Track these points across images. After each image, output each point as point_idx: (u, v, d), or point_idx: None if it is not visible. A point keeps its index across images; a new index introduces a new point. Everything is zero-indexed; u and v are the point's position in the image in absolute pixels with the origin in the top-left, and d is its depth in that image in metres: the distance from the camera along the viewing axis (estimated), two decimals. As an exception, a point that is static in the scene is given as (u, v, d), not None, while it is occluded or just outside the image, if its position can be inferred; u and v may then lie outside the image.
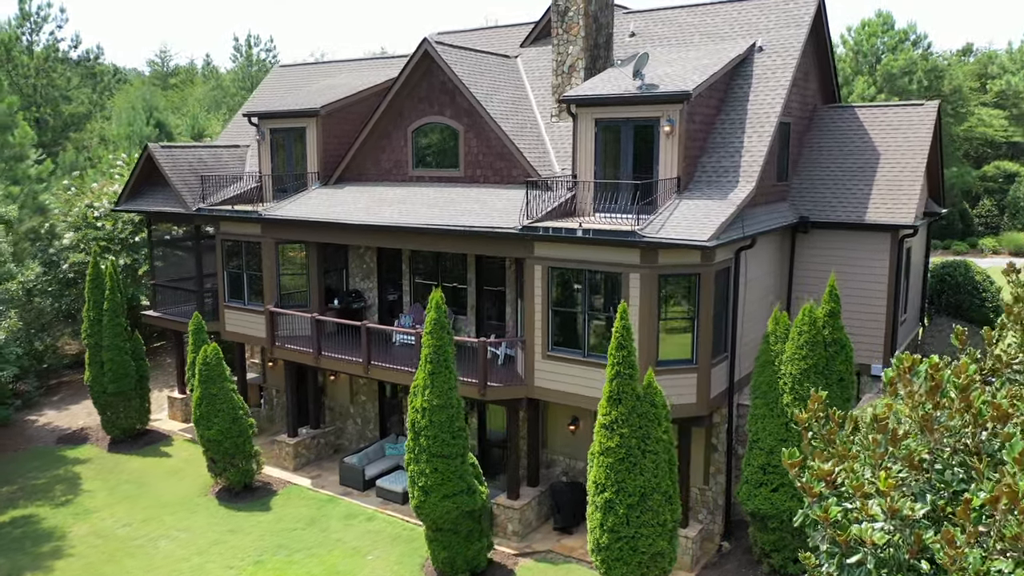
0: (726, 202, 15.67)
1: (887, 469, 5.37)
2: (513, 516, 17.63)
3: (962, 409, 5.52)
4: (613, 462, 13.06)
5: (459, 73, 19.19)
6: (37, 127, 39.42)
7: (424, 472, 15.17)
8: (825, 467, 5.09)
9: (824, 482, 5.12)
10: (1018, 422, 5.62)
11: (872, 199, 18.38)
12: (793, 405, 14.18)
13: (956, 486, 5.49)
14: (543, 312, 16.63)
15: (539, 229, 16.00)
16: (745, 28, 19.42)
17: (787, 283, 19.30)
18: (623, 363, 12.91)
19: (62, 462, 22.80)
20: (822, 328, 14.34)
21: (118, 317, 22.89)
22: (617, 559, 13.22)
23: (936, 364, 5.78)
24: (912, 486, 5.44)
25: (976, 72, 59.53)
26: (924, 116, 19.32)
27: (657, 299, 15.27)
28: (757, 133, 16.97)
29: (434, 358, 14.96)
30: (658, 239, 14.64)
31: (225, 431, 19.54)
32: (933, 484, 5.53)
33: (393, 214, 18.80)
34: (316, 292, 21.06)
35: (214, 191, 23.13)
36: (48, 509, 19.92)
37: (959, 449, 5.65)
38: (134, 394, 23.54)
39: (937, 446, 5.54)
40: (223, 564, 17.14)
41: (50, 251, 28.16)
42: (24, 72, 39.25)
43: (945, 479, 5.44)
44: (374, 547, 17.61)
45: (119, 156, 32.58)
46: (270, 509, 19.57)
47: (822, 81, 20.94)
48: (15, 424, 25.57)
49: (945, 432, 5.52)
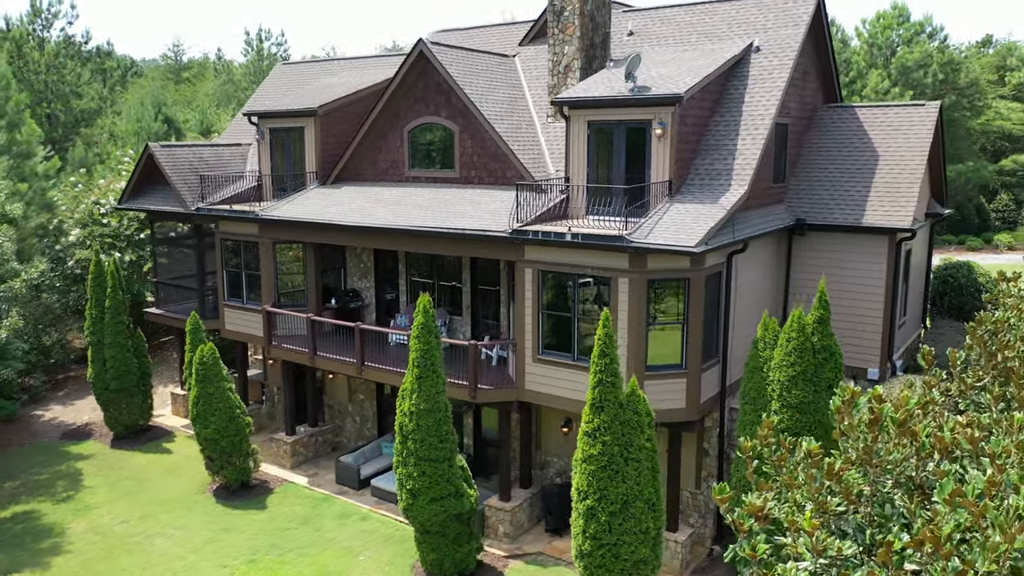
0: (716, 206, 15.53)
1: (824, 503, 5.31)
2: (504, 518, 17.66)
3: (903, 443, 5.44)
4: (595, 469, 13.03)
5: (454, 73, 19.13)
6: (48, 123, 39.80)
7: (412, 475, 15.22)
8: (756, 502, 5.03)
9: (755, 517, 5.06)
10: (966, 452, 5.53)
11: (870, 201, 18.16)
12: (781, 412, 14.07)
13: (895, 521, 5.42)
14: (533, 315, 16.59)
15: (528, 233, 15.95)
16: (743, 27, 19.19)
17: (784, 286, 19.13)
18: (605, 371, 12.85)
19: (65, 458, 23.11)
20: (811, 335, 14.18)
21: (120, 315, 23.11)
22: (599, 566, 13.21)
23: (879, 395, 5.70)
24: (849, 521, 5.38)
25: (995, 64, 58.60)
26: (925, 117, 19.03)
27: (646, 303, 15.19)
28: (751, 136, 16.79)
29: (421, 362, 14.98)
30: (645, 244, 14.54)
31: (222, 430, 19.70)
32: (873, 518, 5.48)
33: (387, 215, 18.81)
34: (313, 292, 21.14)
35: (215, 190, 23.25)
36: (49, 505, 20.21)
37: (901, 482, 5.58)
38: (136, 391, 23.78)
39: (877, 479, 5.47)
40: (216, 563, 17.31)
41: (56, 247, 28.47)
42: (35, 68, 39.62)
43: (884, 513, 5.38)
44: (366, 547, 17.71)
45: (127, 152, 32.82)
46: (266, 507, 19.73)
47: (823, 80, 20.67)
48: (21, 419, 25.93)
49: (886, 465, 5.45)
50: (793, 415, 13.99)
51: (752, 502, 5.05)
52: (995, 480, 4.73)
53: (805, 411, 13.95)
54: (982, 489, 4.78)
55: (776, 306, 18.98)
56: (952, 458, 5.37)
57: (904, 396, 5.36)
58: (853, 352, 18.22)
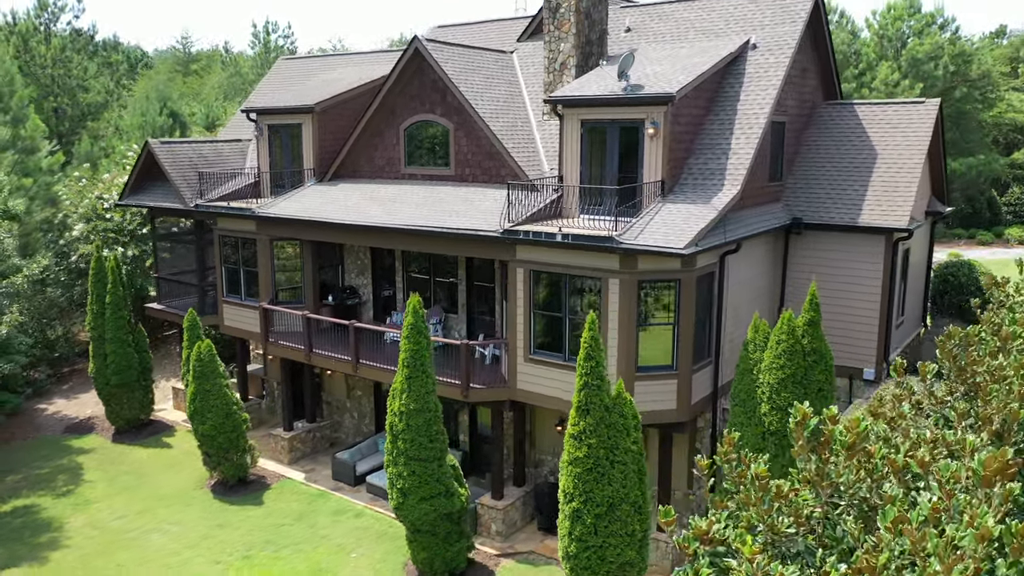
0: (708, 207, 15.43)
1: (774, 525, 5.27)
2: (497, 516, 17.71)
3: (853, 465, 5.39)
4: (581, 472, 13.03)
5: (449, 71, 19.06)
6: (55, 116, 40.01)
7: (402, 475, 15.27)
8: (701, 525, 4.99)
9: (700, 540, 5.03)
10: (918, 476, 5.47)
11: (867, 200, 18.00)
12: (770, 415, 14.02)
13: (846, 543, 5.38)
14: (525, 315, 16.57)
15: (519, 233, 15.91)
16: (741, 24, 19.01)
17: (780, 285, 19.01)
18: (591, 374, 12.83)
19: (67, 451, 23.35)
20: (801, 337, 14.11)
21: (120, 310, 23.27)
22: (585, 568, 13.23)
23: (834, 416, 5.64)
24: (799, 543, 5.34)
25: (1008, 56, 57.77)
26: (925, 115, 18.81)
27: (637, 304, 15.13)
28: (745, 135, 16.66)
29: (411, 362, 15.00)
30: (634, 246, 14.48)
31: (218, 426, 19.83)
32: (824, 541, 5.43)
33: (381, 214, 18.81)
34: (310, 289, 21.19)
35: (214, 186, 23.32)
36: (49, 499, 20.43)
37: (854, 504, 5.54)
38: (137, 386, 23.97)
39: (829, 501, 5.43)
40: (211, 559, 17.47)
41: (60, 242, 28.67)
42: (41, 62, 39.82)
43: (836, 536, 5.33)
44: (359, 544, 17.81)
45: (131, 147, 32.96)
46: (262, 503, 19.87)
47: (822, 77, 20.46)
48: (26, 412, 26.21)
49: (837, 487, 5.40)
50: (782, 417, 13.93)
51: (697, 525, 5.01)
52: (938, 507, 4.67)
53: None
54: (926, 516, 4.73)
55: (773, 305, 18.88)
56: (904, 482, 5.32)
57: (855, 419, 5.31)
58: (849, 352, 18.11)
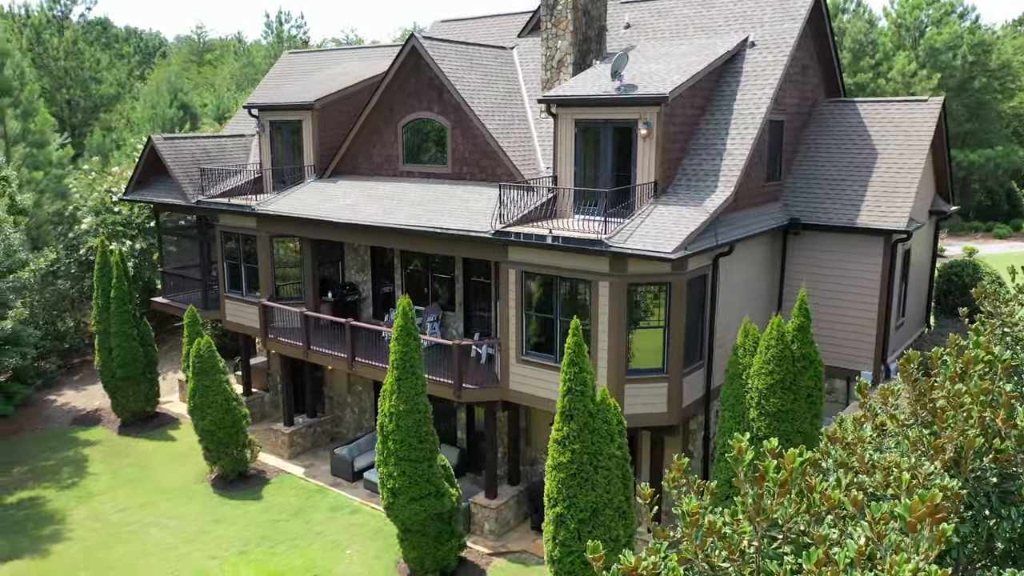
0: (700, 209, 15.31)
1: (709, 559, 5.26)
2: (489, 515, 17.79)
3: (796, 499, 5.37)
4: (565, 477, 13.05)
5: (446, 69, 19.00)
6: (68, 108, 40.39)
7: (392, 475, 15.38)
8: (630, 562, 4.99)
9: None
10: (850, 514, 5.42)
11: (866, 201, 17.77)
12: (759, 420, 13.94)
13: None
14: (517, 316, 16.57)
15: (511, 234, 15.88)
16: (740, 21, 18.78)
17: (779, 285, 18.86)
18: (575, 379, 12.82)
19: (73, 443, 23.72)
20: (791, 343, 13.99)
21: (125, 304, 23.53)
22: (569, 572, 13.27)
23: (774, 450, 5.61)
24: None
25: (1030, 44, 56.53)
26: (927, 114, 18.51)
27: (627, 307, 15.08)
28: (740, 135, 16.48)
29: (401, 364, 15.06)
30: (623, 249, 14.40)
31: (218, 421, 20.05)
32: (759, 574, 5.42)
33: (378, 212, 18.85)
34: (310, 285, 21.30)
35: (216, 182, 23.46)
36: (54, 491, 20.79)
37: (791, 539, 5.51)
38: (142, 379, 24.28)
39: (766, 535, 5.40)
40: (208, 554, 17.71)
41: (70, 235, 29.03)
42: (54, 55, 40.18)
43: (769, 570, 5.31)
44: (354, 541, 17.98)
45: (141, 139, 33.21)
46: (261, 498, 20.10)
47: (824, 74, 20.18)
48: (35, 404, 26.64)
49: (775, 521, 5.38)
50: (771, 423, 13.85)
51: (626, 560, 5.02)
52: (863, 550, 4.65)
53: (783, 419, 13.80)
54: (851, 559, 4.70)
55: (771, 307, 18.74)
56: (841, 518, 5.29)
57: (791, 454, 5.27)
58: (846, 354, 17.97)
